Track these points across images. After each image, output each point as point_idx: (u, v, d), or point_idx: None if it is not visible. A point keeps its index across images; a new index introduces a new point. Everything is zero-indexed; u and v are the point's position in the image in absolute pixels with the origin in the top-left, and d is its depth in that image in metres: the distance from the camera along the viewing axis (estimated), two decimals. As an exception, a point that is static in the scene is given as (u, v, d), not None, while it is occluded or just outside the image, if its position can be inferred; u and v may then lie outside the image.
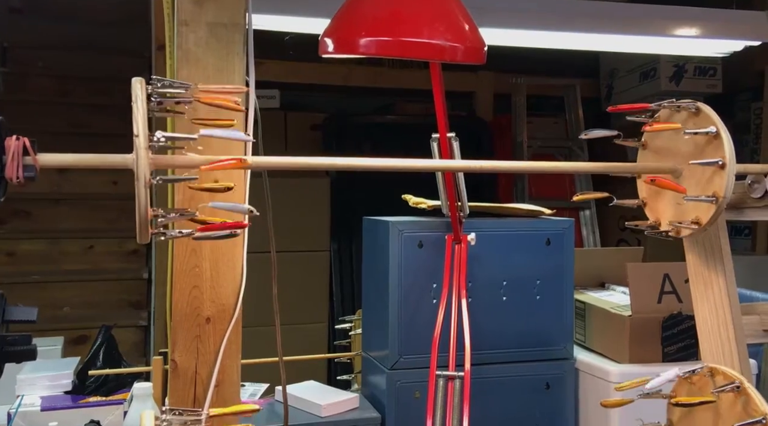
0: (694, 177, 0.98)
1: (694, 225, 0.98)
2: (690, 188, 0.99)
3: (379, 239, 1.46)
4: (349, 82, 3.41)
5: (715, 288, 1.04)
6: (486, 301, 1.45)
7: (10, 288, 3.23)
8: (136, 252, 3.46)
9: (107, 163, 0.81)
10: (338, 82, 3.39)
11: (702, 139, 0.97)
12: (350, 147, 3.31)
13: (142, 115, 0.78)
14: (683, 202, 1.00)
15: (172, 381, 1.14)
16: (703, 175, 0.97)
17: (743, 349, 1.01)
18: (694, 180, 0.98)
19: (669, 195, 1.03)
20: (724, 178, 0.94)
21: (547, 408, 1.46)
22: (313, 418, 1.38)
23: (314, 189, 3.15)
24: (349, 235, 3.09)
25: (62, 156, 0.81)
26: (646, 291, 1.45)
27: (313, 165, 0.94)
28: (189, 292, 1.13)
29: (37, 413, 1.55)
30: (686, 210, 1.00)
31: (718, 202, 0.94)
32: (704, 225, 0.97)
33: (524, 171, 1.06)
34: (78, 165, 0.81)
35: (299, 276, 3.04)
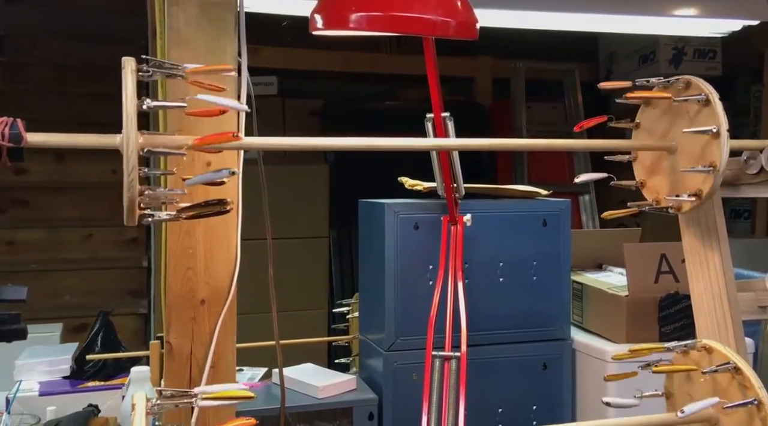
0: (689, 151, 0.98)
1: (694, 197, 0.97)
2: (686, 162, 0.98)
3: (375, 222, 1.46)
4: (347, 68, 3.39)
5: (710, 265, 1.04)
6: (482, 283, 1.44)
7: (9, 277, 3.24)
8: (136, 240, 3.46)
9: (96, 143, 0.80)
10: (337, 68, 3.38)
11: (694, 111, 0.96)
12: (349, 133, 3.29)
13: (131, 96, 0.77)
14: (680, 178, 0.99)
15: (167, 363, 1.14)
16: (698, 147, 0.96)
17: (738, 326, 1.01)
18: (689, 154, 0.98)
19: (665, 172, 1.02)
20: (719, 146, 0.93)
21: (544, 388, 1.46)
22: (310, 400, 1.38)
23: (313, 175, 3.15)
24: (348, 221, 3.09)
25: (52, 136, 0.81)
26: (643, 271, 1.45)
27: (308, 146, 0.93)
28: (183, 274, 1.13)
29: (36, 398, 1.55)
30: (684, 184, 0.99)
31: (716, 170, 0.93)
32: (704, 196, 0.96)
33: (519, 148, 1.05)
34: (67, 145, 0.81)
35: (299, 263, 3.04)
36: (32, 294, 3.44)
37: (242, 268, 1.27)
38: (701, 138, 0.95)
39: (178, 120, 1.07)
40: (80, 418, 1.41)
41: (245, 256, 1.31)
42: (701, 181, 0.96)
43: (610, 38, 3.51)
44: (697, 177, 0.96)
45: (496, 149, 0.88)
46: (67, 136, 0.80)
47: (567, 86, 3.56)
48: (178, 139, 0.83)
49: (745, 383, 0.88)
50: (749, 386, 0.88)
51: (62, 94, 3.38)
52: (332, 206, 3.14)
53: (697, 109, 0.96)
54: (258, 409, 1.34)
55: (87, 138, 0.80)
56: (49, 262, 3.29)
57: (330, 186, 3.15)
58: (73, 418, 1.40)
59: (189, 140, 0.82)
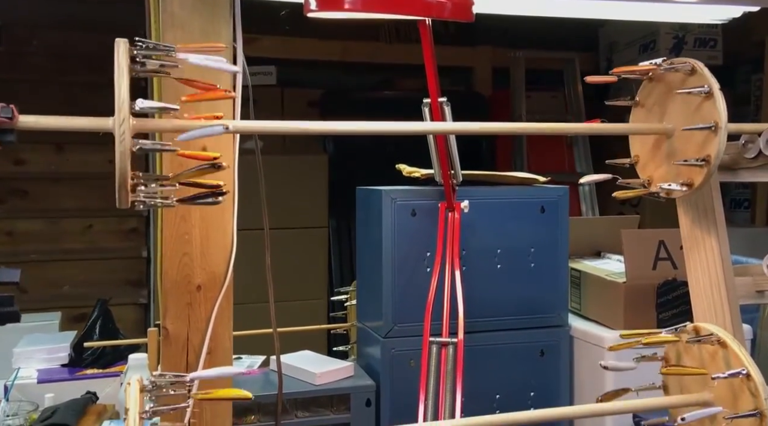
0: (687, 137, 0.97)
1: (685, 187, 0.97)
2: (683, 149, 0.98)
3: (373, 208, 1.46)
4: (346, 57, 3.38)
5: (707, 249, 1.03)
6: (480, 269, 1.44)
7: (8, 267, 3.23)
8: (135, 231, 3.46)
9: (88, 125, 0.80)
10: (336, 58, 3.37)
11: (695, 98, 0.95)
12: (348, 123, 3.29)
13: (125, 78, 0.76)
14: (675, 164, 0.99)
15: (164, 349, 1.14)
16: (697, 136, 0.96)
17: (735, 310, 1.01)
18: (687, 140, 0.97)
19: (662, 154, 1.01)
20: (716, 141, 0.93)
21: (542, 375, 1.46)
22: (307, 387, 1.38)
23: (312, 166, 3.14)
24: (347, 211, 3.08)
25: (44, 118, 0.80)
26: (641, 257, 1.44)
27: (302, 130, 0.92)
28: (179, 260, 1.13)
29: (34, 385, 1.55)
30: (679, 171, 0.99)
31: (710, 165, 0.93)
32: (695, 187, 0.96)
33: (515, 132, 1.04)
34: (59, 128, 0.80)
35: (298, 253, 3.04)
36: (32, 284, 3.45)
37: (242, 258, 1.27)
38: (701, 126, 0.94)
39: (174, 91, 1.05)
40: (78, 404, 1.41)
41: (245, 246, 1.30)
42: (695, 172, 0.95)
43: (610, 27, 3.49)
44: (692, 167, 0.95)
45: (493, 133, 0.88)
46: (60, 119, 0.79)
47: (567, 76, 3.54)
48: (172, 122, 0.83)
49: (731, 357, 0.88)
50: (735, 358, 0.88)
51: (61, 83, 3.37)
52: (331, 197, 3.13)
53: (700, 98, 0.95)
54: (255, 395, 1.34)
55: (79, 120, 0.80)
56: (48, 253, 3.29)
57: (329, 176, 3.14)
58: (71, 404, 1.40)
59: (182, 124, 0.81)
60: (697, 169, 0.95)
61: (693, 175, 0.96)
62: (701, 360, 0.94)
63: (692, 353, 0.96)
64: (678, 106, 0.98)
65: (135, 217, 3.43)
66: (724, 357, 0.90)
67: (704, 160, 0.93)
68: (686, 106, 0.97)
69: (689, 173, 0.97)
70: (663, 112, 1.01)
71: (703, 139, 0.95)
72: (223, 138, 1.10)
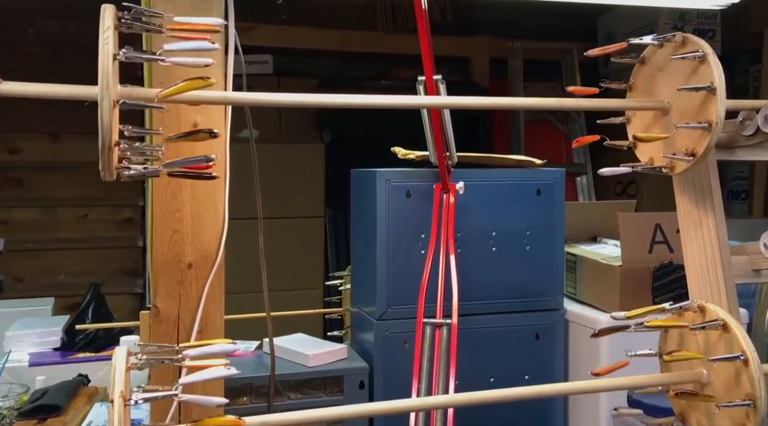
0: (684, 110, 0.96)
1: (690, 157, 0.95)
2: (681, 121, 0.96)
3: (367, 190, 1.44)
4: (343, 47, 3.37)
5: (704, 227, 1.02)
6: (475, 252, 1.43)
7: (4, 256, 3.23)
8: (131, 220, 3.45)
9: (72, 94, 0.78)
10: (333, 47, 3.35)
11: (690, 69, 0.94)
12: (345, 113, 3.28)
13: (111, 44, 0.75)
14: (675, 138, 0.97)
15: (154, 327, 1.12)
16: (694, 106, 0.94)
17: (732, 288, 1.00)
18: (684, 113, 0.96)
19: (660, 133, 1.00)
20: (715, 104, 0.91)
21: (537, 358, 1.45)
22: (300, 368, 1.37)
23: (308, 155, 3.13)
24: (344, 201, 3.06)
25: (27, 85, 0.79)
26: (637, 241, 1.43)
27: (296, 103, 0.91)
28: (170, 237, 1.11)
29: (25, 368, 1.54)
30: (678, 144, 0.97)
31: (712, 128, 0.91)
32: (700, 155, 0.94)
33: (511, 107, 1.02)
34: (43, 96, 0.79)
35: (294, 242, 3.03)
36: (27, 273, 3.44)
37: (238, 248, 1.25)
38: (697, 97, 0.92)
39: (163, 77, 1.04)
40: (69, 386, 1.40)
41: (241, 236, 1.29)
42: (696, 140, 0.94)
43: (608, 18, 3.47)
44: (692, 136, 0.94)
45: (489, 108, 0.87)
46: (44, 86, 0.78)
47: (565, 66, 3.53)
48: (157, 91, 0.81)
49: (733, 341, 0.87)
50: (736, 343, 0.86)
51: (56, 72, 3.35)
52: (328, 186, 3.12)
53: (693, 66, 0.93)
54: (248, 377, 1.33)
55: (64, 88, 0.78)
56: (44, 242, 3.28)
57: (325, 166, 3.13)
58: (62, 386, 1.39)
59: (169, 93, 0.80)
60: (698, 136, 0.92)
61: (695, 145, 0.94)
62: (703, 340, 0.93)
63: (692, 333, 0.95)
64: (672, 80, 0.97)
65: (130, 207, 3.42)
66: (726, 340, 0.89)
67: (707, 123, 0.91)
68: (680, 77, 0.95)
69: (691, 143, 0.95)
70: (657, 92, 1.00)
71: (700, 105, 0.92)
72: (215, 113, 1.08)
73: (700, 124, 0.91)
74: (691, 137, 0.94)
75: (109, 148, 0.72)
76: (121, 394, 0.67)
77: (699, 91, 0.91)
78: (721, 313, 0.90)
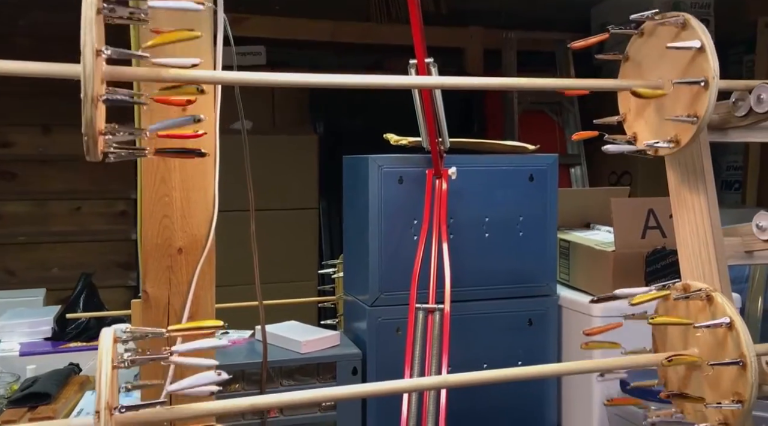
0: (677, 94, 0.95)
1: (672, 144, 0.95)
2: (672, 106, 0.96)
3: (359, 176, 1.44)
4: (336, 38, 3.35)
5: (696, 208, 1.02)
6: (468, 238, 1.43)
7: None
8: (124, 213, 3.44)
9: (53, 72, 0.77)
10: (325, 39, 3.33)
11: (686, 54, 0.93)
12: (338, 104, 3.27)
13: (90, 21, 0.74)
14: (664, 122, 0.97)
15: (144, 312, 1.11)
16: (687, 93, 0.94)
17: (724, 270, 0.99)
18: (677, 97, 0.95)
19: (651, 112, 1.00)
20: (706, 97, 0.91)
21: (530, 344, 1.45)
22: (292, 355, 1.36)
23: (302, 146, 3.12)
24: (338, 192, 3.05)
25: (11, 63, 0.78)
26: (630, 226, 1.43)
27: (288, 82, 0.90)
28: (159, 222, 1.10)
29: (16, 358, 1.53)
30: (666, 129, 0.97)
31: (698, 121, 0.92)
32: (683, 145, 0.94)
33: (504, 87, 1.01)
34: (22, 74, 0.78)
35: (288, 234, 3.03)
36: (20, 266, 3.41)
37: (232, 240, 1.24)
38: (691, 82, 0.92)
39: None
40: (60, 375, 1.39)
41: (235, 228, 1.28)
42: (683, 129, 0.94)
43: (602, 8, 3.47)
44: (680, 124, 0.94)
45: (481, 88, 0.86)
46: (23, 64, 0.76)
47: (559, 57, 3.52)
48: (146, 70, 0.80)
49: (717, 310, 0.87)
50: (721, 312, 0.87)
51: (46, 64, 3.32)
52: (322, 177, 3.11)
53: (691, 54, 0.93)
54: (240, 363, 1.32)
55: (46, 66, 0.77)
56: (37, 235, 3.26)
57: (319, 157, 3.12)
58: (53, 374, 1.39)
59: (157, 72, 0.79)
60: (685, 126, 0.93)
61: (680, 133, 0.95)
62: (689, 316, 0.93)
63: (680, 310, 0.95)
64: (668, 61, 0.96)
65: (124, 200, 3.40)
66: (710, 311, 0.89)
67: (694, 117, 0.92)
68: (677, 61, 0.95)
69: (677, 130, 0.95)
70: (653, 67, 0.99)
71: (692, 95, 0.93)
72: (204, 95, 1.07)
73: (688, 117, 0.91)
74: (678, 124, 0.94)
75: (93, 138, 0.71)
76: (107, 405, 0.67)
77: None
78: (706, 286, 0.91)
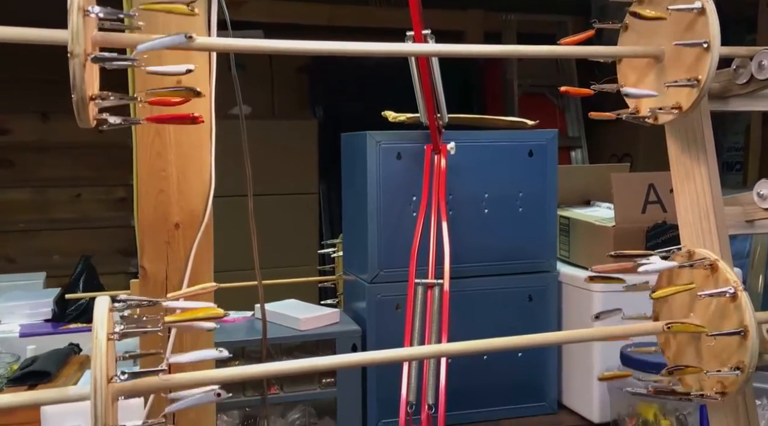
0: (678, 60, 0.94)
1: (675, 110, 0.94)
2: (672, 73, 0.95)
3: (358, 153, 1.43)
4: (334, 22, 3.33)
5: (696, 177, 1.01)
6: (467, 214, 1.42)
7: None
8: (124, 200, 3.44)
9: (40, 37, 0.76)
10: (323, 23, 3.31)
11: (687, 18, 0.92)
12: (338, 88, 3.26)
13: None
14: (665, 89, 0.96)
15: (142, 288, 1.11)
16: (688, 58, 0.93)
17: (725, 239, 0.99)
18: (678, 63, 0.94)
19: (650, 80, 0.98)
20: (707, 60, 0.90)
21: (530, 320, 1.44)
22: (292, 332, 1.36)
23: (301, 131, 3.11)
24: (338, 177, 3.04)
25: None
26: (631, 201, 1.42)
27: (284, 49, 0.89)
28: (155, 197, 1.10)
29: (16, 339, 1.53)
30: (667, 96, 0.96)
31: (700, 85, 0.90)
32: (685, 110, 0.93)
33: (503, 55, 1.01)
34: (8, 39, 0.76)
35: (288, 219, 3.02)
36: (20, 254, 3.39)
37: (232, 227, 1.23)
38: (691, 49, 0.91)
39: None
40: (60, 354, 1.39)
41: (234, 214, 1.27)
42: (684, 95, 0.93)
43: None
44: (681, 90, 0.92)
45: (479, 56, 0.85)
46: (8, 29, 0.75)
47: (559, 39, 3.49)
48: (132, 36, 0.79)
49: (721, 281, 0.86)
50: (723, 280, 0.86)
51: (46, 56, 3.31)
52: (321, 162, 3.10)
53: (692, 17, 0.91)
54: (240, 341, 1.32)
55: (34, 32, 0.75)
56: (36, 222, 3.26)
57: (319, 142, 3.11)
58: (53, 353, 1.38)
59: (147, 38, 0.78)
60: (686, 91, 0.92)
61: (682, 99, 0.93)
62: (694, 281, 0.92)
63: (683, 279, 0.94)
64: (668, 27, 0.95)
65: (123, 186, 3.40)
66: (713, 280, 0.88)
67: (695, 80, 0.90)
68: (677, 26, 0.94)
69: (678, 97, 0.94)
70: (652, 35, 0.98)
71: (693, 60, 0.92)
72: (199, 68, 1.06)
73: (689, 81, 0.90)
74: (680, 90, 0.93)
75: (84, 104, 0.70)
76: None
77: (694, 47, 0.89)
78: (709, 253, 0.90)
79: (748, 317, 0.82)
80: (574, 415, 1.49)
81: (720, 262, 0.87)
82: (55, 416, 0.99)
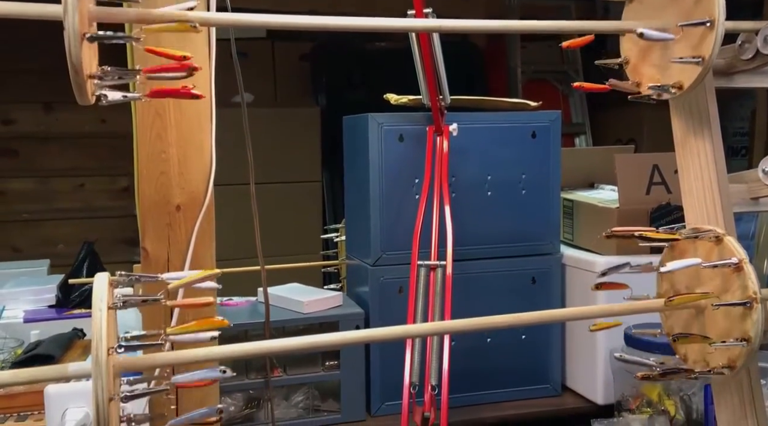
0: (683, 37, 0.93)
1: (676, 89, 0.93)
2: (679, 49, 0.93)
3: (359, 136, 1.42)
4: (337, 8, 3.31)
5: (701, 154, 1.00)
6: (470, 197, 1.41)
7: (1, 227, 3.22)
8: (127, 190, 3.44)
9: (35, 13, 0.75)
10: (326, 10, 3.29)
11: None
12: (340, 76, 3.24)
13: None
14: (669, 65, 0.95)
15: (144, 270, 1.11)
16: (692, 36, 0.92)
17: (729, 217, 0.98)
18: (682, 41, 0.93)
19: (655, 57, 0.97)
20: (711, 38, 0.88)
21: (533, 302, 1.44)
22: (295, 315, 1.36)
23: (304, 119, 3.10)
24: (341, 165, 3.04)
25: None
26: (635, 182, 1.41)
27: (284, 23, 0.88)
28: (157, 179, 1.10)
29: (20, 324, 1.53)
30: (671, 73, 0.95)
31: (704, 62, 0.89)
32: (687, 88, 0.92)
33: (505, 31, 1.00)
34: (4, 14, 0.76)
35: (291, 207, 3.02)
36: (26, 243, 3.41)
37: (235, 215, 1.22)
38: (696, 26, 0.90)
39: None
40: (64, 338, 1.40)
41: (237, 203, 1.26)
42: (688, 73, 0.92)
43: (607, -27, 3.41)
44: (685, 67, 0.91)
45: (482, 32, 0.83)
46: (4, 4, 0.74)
47: (563, 24, 3.47)
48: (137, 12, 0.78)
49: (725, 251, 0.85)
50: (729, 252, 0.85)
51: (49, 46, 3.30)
52: (324, 150, 3.09)
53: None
54: (243, 324, 1.32)
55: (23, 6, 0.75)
56: (41, 212, 3.27)
57: (322, 129, 3.10)
58: (57, 338, 1.39)
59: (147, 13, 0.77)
60: (690, 69, 0.91)
61: (685, 76, 0.92)
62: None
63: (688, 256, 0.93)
64: (673, 5, 0.94)
65: (127, 176, 3.40)
66: (718, 253, 0.88)
67: (699, 58, 0.89)
68: (682, 4, 0.92)
69: (682, 74, 0.93)
70: (657, 12, 0.97)
71: (698, 37, 0.91)
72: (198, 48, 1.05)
73: (694, 58, 0.89)
74: (684, 68, 0.92)
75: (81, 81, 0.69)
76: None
77: (698, 25, 0.88)
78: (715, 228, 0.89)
79: (753, 287, 0.81)
80: (578, 397, 1.49)
81: (726, 237, 0.86)
82: (58, 398, 0.99)
